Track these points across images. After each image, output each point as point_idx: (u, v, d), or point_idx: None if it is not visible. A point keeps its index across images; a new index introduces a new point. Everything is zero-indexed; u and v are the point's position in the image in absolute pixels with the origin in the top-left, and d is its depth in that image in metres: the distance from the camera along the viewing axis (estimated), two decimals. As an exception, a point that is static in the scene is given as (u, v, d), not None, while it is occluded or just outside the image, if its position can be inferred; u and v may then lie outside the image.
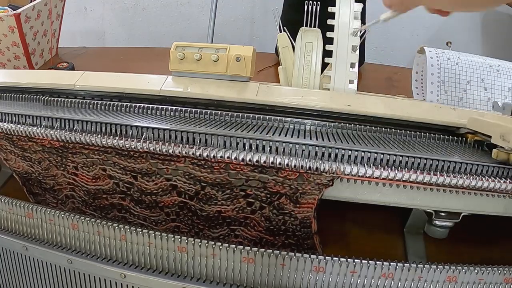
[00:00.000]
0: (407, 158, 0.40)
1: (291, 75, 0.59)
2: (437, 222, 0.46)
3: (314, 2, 0.57)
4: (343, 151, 0.40)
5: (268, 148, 0.42)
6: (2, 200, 0.47)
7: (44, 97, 0.57)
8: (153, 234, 0.41)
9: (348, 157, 0.40)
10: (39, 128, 0.46)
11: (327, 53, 0.56)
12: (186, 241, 0.41)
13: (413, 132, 0.49)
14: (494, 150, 0.40)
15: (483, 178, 0.39)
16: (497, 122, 0.42)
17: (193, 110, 0.52)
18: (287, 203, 0.44)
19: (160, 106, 0.53)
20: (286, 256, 0.39)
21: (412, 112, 0.50)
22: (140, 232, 0.42)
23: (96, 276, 0.43)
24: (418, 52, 0.69)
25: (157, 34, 1.66)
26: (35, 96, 0.58)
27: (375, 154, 0.40)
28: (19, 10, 0.91)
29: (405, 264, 0.39)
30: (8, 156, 0.53)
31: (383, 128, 0.50)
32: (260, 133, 0.44)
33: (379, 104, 0.51)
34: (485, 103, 0.57)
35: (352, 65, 0.55)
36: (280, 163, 0.40)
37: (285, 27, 0.61)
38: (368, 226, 0.51)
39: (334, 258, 0.39)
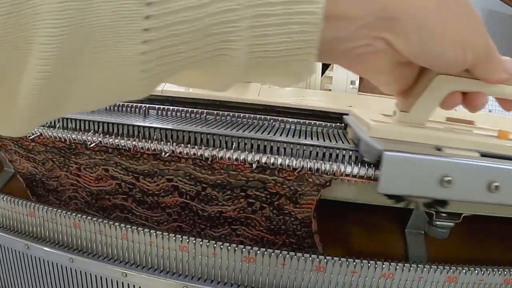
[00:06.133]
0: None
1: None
2: (438, 223, 0.46)
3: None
4: (343, 151, 0.40)
5: (269, 149, 0.42)
6: (4, 199, 0.47)
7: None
8: (154, 234, 0.42)
9: (349, 157, 0.40)
10: (41, 128, 0.47)
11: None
12: (187, 240, 0.41)
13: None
14: None
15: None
16: None
17: (194, 110, 0.52)
18: (287, 203, 0.44)
19: (161, 106, 0.53)
20: (287, 255, 0.40)
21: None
22: (142, 231, 0.42)
23: (97, 275, 0.43)
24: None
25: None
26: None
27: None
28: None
29: (406, 264, 0.39)
30: (13, 157, 0.53)
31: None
32: (262, 133, 0.45)
33: (381, 105, 0.51)
34: (485, 111, 0.58)
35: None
36: (281, 164, 0.40)
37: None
38: (368, 226, 0.51)
39: (335, 258, 0.39)
